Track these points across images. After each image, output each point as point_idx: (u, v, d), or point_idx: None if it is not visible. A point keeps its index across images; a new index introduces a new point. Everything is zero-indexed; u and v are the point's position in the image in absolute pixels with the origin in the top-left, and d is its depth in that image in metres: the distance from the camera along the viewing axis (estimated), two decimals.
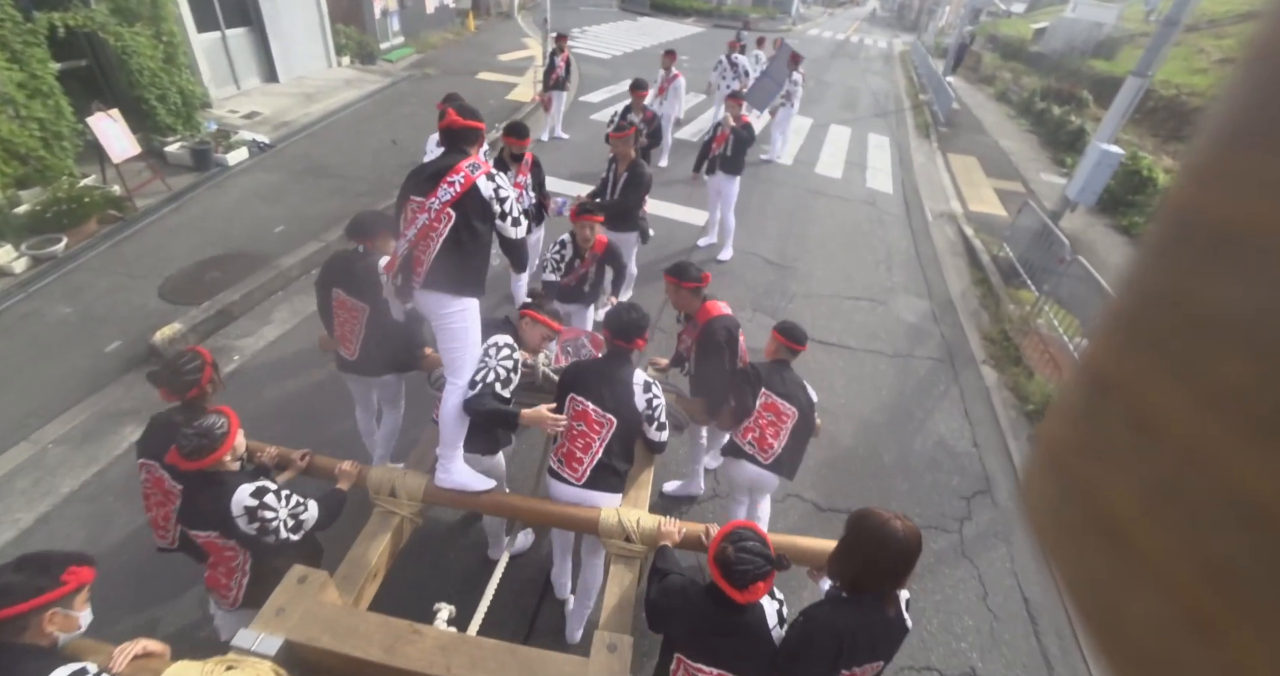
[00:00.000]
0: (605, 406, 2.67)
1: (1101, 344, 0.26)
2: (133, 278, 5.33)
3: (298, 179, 7.36)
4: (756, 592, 1.88)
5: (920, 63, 24.75)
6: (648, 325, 2.76)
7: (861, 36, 36.69)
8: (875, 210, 8.62)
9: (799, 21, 38.52)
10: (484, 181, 2.48)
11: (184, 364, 2.51)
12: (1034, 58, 27.89)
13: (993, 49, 30.86)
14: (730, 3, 35.06)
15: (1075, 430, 0.26)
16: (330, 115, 9.82)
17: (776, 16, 34.70)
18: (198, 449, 2.15)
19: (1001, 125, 15.83)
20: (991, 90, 22.15)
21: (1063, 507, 0.26)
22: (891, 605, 1.92)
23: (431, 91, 11.69)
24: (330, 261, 3.27)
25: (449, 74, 13.05)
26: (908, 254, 7.46)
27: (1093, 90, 19.46)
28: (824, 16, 48.95)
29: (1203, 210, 0.22)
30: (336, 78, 11.59)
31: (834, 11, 57.10)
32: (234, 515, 2.17)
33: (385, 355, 3.22)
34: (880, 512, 1.90)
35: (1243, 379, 0.19)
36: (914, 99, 18.06)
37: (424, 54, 15.08)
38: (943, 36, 37.21)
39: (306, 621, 2.14)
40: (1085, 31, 25.96)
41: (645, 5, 30.84)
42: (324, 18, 11.53)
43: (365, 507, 2.74)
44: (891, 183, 9.99)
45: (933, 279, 6.99)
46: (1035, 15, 42.42)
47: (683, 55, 19.52)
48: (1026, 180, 11.08)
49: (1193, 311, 0.21)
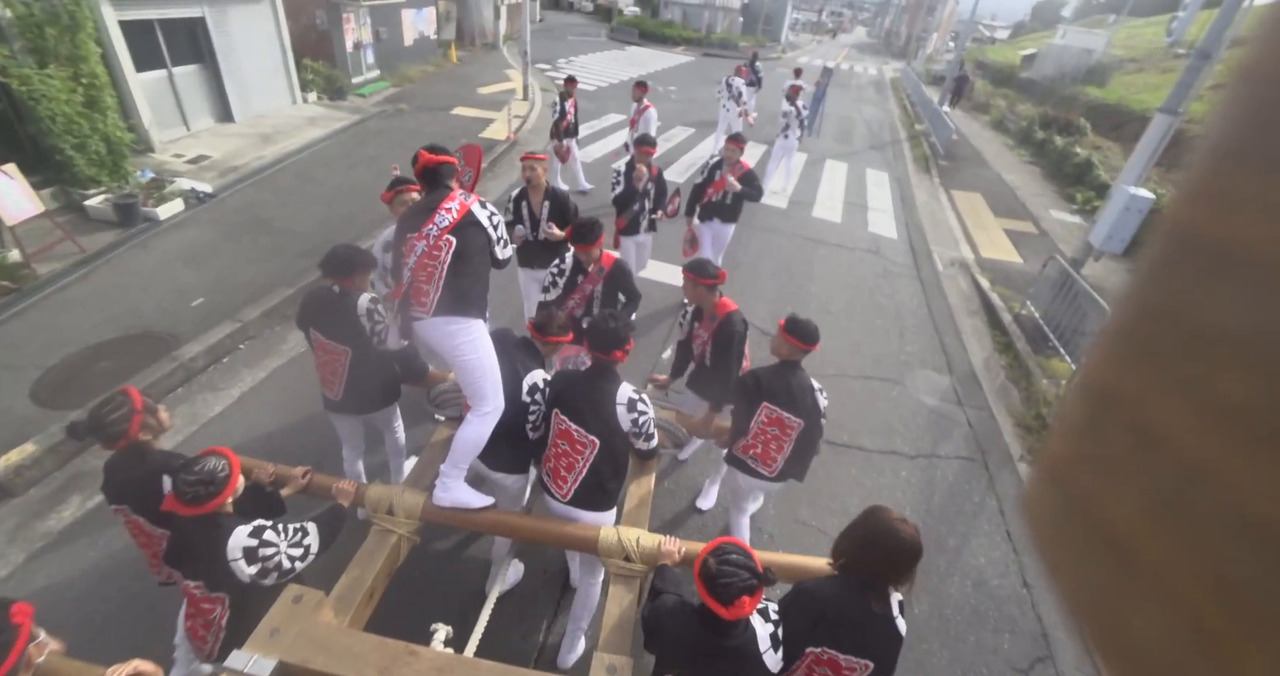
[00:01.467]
0: (589, 427, 2.59)
1: (1102, 358, 0.26)
2: (7, 369, 4.44)
3: (234, 236, 6.53)
4: (743, 608, 1.82)
5: (913, 90, 24.40)
6: (630, 335, 2.66)
7: (851, 64, 36.62)
8: (880, 260, 7.84)
9: (788, 49, 38.52)
10: (478, 208, 2.57)
11: (107, 413, 2.26)
12: (1025, 84, 27.72)
13: (982, 75, 30.75)
14: (720, 31, 34.98)
15: (1077, 444, 0.27)
16: (287, 157, 9.04)
17: (766, 44, 34.60)
18: (198, 497, 2.04)
19: (1002, 156, 15.26)
20: (987, 118, 21.72)
21: (1066, 521, 0.26)
22: (879, 601, 1.95)
23: (402, 128, 10.97)
24: (307, 300, 3.14)
25: (423, 109, 12.37)
26: (920, 314, 6.66)
27: (1088, 117, 19.10)
28: (812, 43, 49.23)
29: (1200, 228, 0.22)
30: (300, 116, 10.86)
31: (822, 38, 57.60)
32: (231, 559, 2.07)
33: (372, 393, 3.17)
34: (890, 511, 1.98)
35: (1243, 394, 0.19)
36: (910, 129, 17.55)
37: (400, 88, 14.44)
38: (932, 63, 37.35)
39: (301, 642, 2.09)
40: (1075, 58, 25.82)
41: (634, 35, 30.61)
42: (287, 53, 10.83)
43: (362, 525, 2.72)
44: (895, 226, 9.24)
45: (951, 346, 6.17)
46: (1021, 42, 42.81)
47: (670, 85, 19.03)
48: (1037, 219, 10.38)
49: (1192, 327, 0.22)
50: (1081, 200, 11.38)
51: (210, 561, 2.08)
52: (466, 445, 2.63)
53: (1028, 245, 9.09)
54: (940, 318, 6.68)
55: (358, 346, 2.98)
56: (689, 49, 30.39)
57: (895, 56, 45.27)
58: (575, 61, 21.29)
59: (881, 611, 1.95)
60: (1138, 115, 19.86)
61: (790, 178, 10.34)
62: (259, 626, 2.11)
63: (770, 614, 2.00)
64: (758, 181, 5.54)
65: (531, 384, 2.75)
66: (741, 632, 1.90)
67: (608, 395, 2.61)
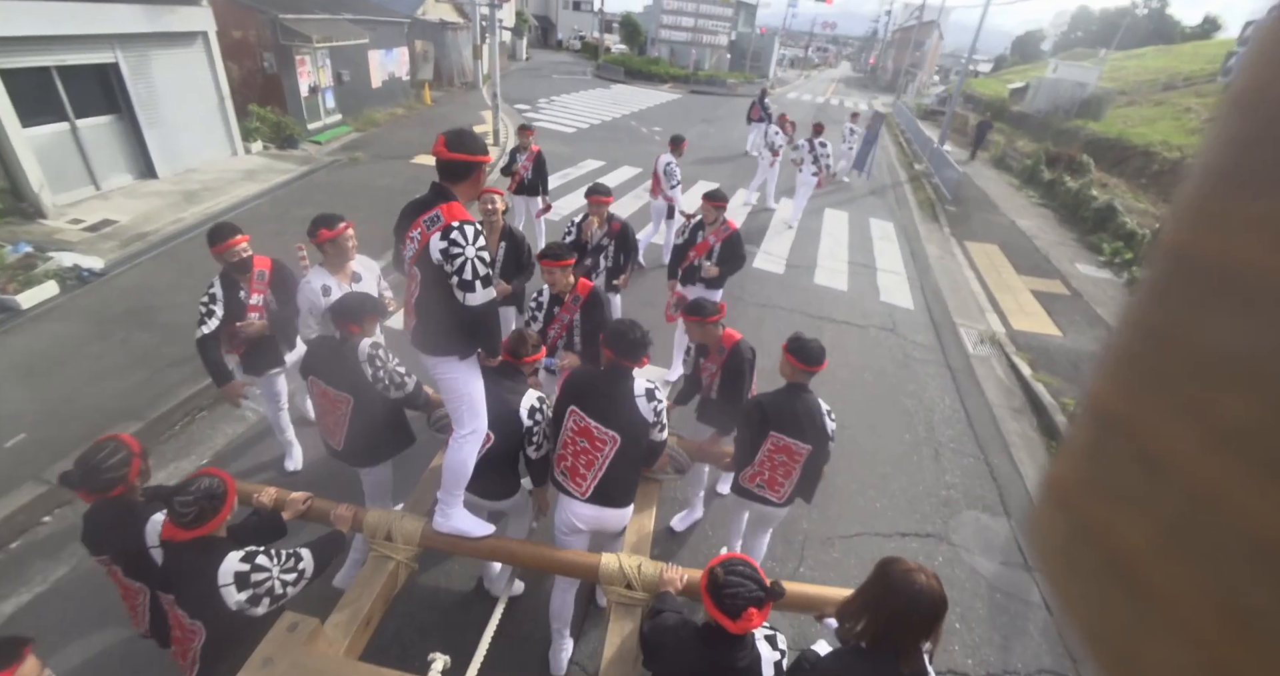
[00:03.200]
0: (609, 423, 2.58)
1: (1104, 382, 0.26)
2: None
3: (105, 332, 5.25)
4: (750, 620, 1.77)
5: (908, 126, 23.73)
6: (650, 344, 2.65)
7: (840, 98, 36.30)
8: (898, 341, 6.62)
9: (777, 84, 38.22)
10: (436, 239, 2.20)
11: (104, 459, 2.19)
12: (1018, 118, 27.25)
13: (972, 109, 30.35)
14: (707, 67, 34.64)
15: (1083, 469, 0.26)
16: (210, 219, 7.81)
17: (755, 80, 34.23)
18: (201, 513, 2.00)
19: (1010, 199, 14.28)
20: (986, 155, 20.95)
21: (1074, 548, 0.26)
22: (912, 661, 1.73)
23: (351, 181, 9.82)
24: (312, 346, 3.07)
25: (381, 158, 11.27)
26: (955, 421, 5.40)
27: (1089, 153, 18.31)
28: (800, 79, 49.31)
29: (1198, 251, 0.22)
30: (238, 168, 9.70)
31: (809, 74, 57.99)
32: (221, 584, 2.00)
33: (374, 445, 3.05)
34: (907, 563, 1.77)
35: (1247, 417, 0.19)
36: (909, 169, 16.63)
37: (364, 132, 13.40)
38: (921, 97, 37.16)
39: (295, 672, 2.05)
40: (1069, 91, 25.39)
41: (620, 73, 30.09)
42: (225, 100, 9.74)
43: None
44: (910, 291, 8.04)
45: (1000, 468, 4.88)
46: (1004, 75, 42.91)
47: (655, 126, 18.11)
48: (1064, 276, 9.25)
49: (1193, 350, 0.22)
50: (1109, 251, 10.30)
51: (198, 587, 2.03)
52: (453, 469, 2.58)
53: (1061, 310, 7.92)
54: (980, 424, 5.40)
55: (359, 394, 2.88)
56: (676, 86, 29.86)
57: (882, 90, 45.25)
58: (557, 101, 20.46)
59: (912, 671, 1.72)
60: (1139, 150, 19.16)
61: (796, 213, 10.23)
62: (252, 655, 2.06)
63: (779, 643, 1.97)
64: (740, 248, 4.99)
65: (530, 406, 2.73)
66: (747, 653, 1.84)
67: (626, 390, 2.62)
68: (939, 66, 56.51)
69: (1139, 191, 16.49)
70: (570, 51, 44.28)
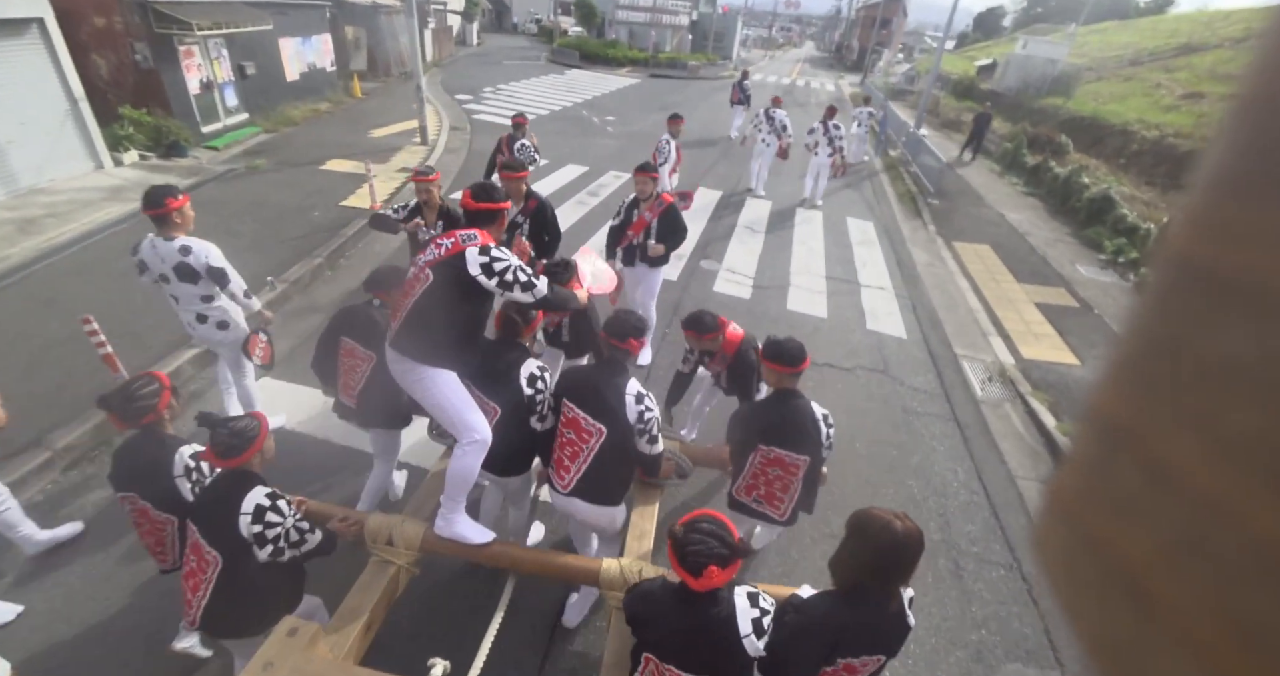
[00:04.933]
0: (596, 414, 2.62)
1: (1108, 391, 0.25)
2: None
3: None
4: (711, 578, 1.79)
5: (881, 108, 22.61)
6: (647, 330, 2.77)
7: (806, 79, 35.03)
8: (893, 386, 5.40)
9: (740, 66, 36.82)
10: (473, 253, 2.38)
11: (138, 389, 2.44)
12: (988, 96, 26.33)
13: (941, 88, 29.38)
14: (668, 50, 33.02)
15: (1087, 480, 0.26)
16: (43, 257, 6.30)
17: (718, 62, 32.80)
18: (229, 448, 2.20)
19: (994, 187, 13.23)
20: (961, 137, 19.94)
21: (1078, 561, 0.26)
22: (894, 601, 1.87)
23: (245, 195, 8.27)
24: (340, 312, 3.27)
25: (287, 164, 9.69)
26: (975, 510, 4.12)
27: (1066, 132, 17.42)
28: (764, 60, 47.91)
29: (1204, 258, 0.22)
30: (102, 186, 8.08)
31: (774, 54, 56.64)
32: (242, 511, 2.17)
33: (383, 408, 3.20)
34: (880, 514, 1.84)
35: (1254, 429, 0.19)
36: (885, 156, 15.48)
37: (276, 133, 11.74)
38: (888, 76, 36.08)
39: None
40: (1040, 68, 24.54)
41: (575, 57, 28.37)
42: (79, 102, 8.08)
43: (360, 556, 2.68)
44: (900, 314, 6.82)
45: (1041, 585, 3.73)
46: (968, 51, 42.03)
47: (609, 114, 16.62)
48: (1068, 281, 8.19)
49: (1198, 359, 0.22)
50: (1111, 249, 9.27)
51: (222, 512, 2.18)
52: (457, 478, 2.61)
53: (1074, 328, 6.84)
54: (1006, 509, 4.17)
55: (382, 357, 2.87)
56: (634, 70, 28.25)
57: (848, 70, 44.08)
58: (504, 90, 18.83)
59: (896, 609, 1.88)
60: (1116, 129, 18.32)
61: (818, 196, 10.41)
62: (252, 660, 2.08)
63: (761, 601, 1.94)
64: (680, 221, 4.77)
65: (529, 375, 2.75)
66: (718, 609, 1.86)
67: (618, 386, 2.62)
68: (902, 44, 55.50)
69: (1120, 173, 15.64)
70: (526, 36, 42.22)
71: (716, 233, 8.64)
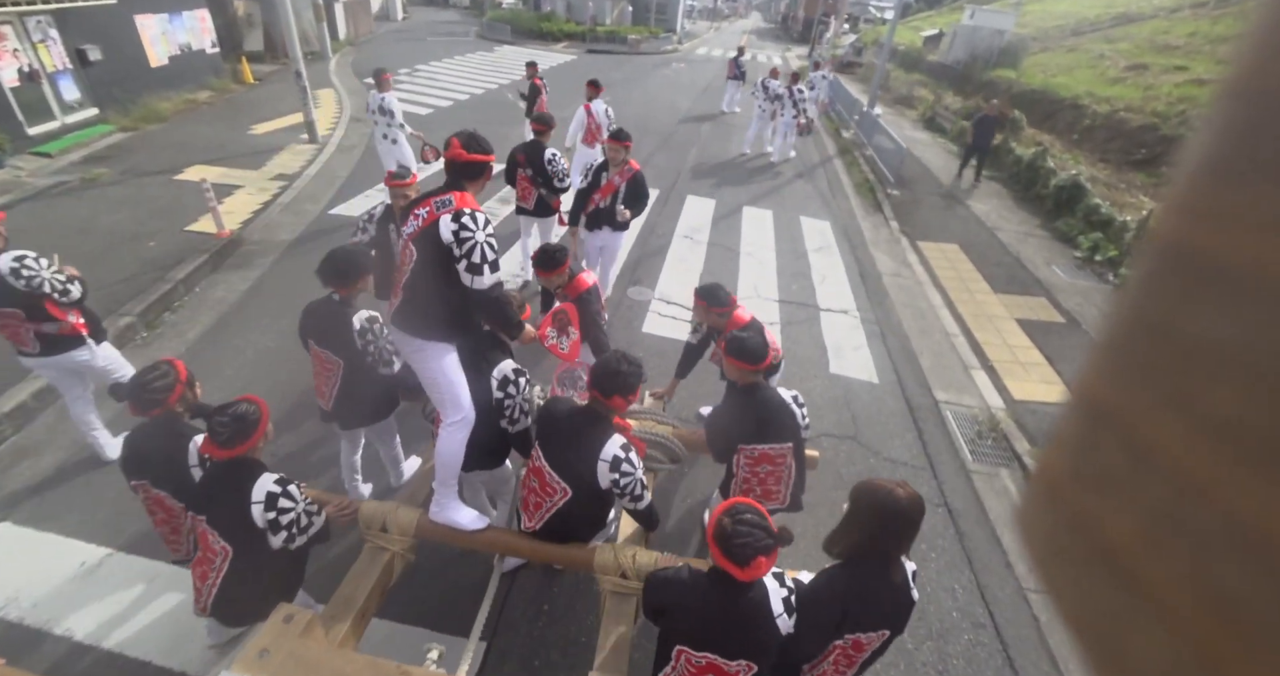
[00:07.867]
0: (562, 474, 2.39)
1: (1094, 374, 0.26)
2: None
3: None
4: (759, 568, 1.76)
5: (829, 84, 21.53)
6: (640, 383, 2.41)
7: (754, 52, 33.65)
8: (865, 457, 4.25)
9: (685, 39, 35.13)
10: (446, 220, 2.26)
11: (152, 380, 2.39)
12: (936, 69, 25.58)
13: (890, 60, 28.51)
14: (608, 22, 31.12)
15: (1072, 460, 0.26)
16: None
17: (661, 35, 31.08)
18: (233, 435, 2.13)
19: (954, 171, 12.34)
20: (914, 114, 19.08)
21: (1062, 539, 0.26)
22: (897, 571, 1.89)
23: (68, 219, 6.59)
24: (304, 313, 3.07)
25: (136, 173, 7.96)
26: (981, 649, 3.14)
27: (1017, 107, 16.72)
28: (710, 32, 46.18)
29: (1190, 242, 0.22)
30: None
31: (719, 26, 54.88)
32: (253, 500, 2.13)
33: (363, 409, 3.12)
34: (882, 484, 1.87)
35: (1236, 409, 0.20)
36: (838, 138, 14.42)
37: (135, 131, 9.86)
38: (835, 48, 35.04)
39: (290, 664, 2.03)
40: (988, 39, 23.84)
41: (507, 32, 26.31)
42: None
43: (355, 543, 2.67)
44: (869, 348, 5.65)
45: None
46: (912, 21, 41.27)
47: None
48: (1049, 289, 7.31)
49: (1183, 342, 0.22)
50: (1086, 246, 8.45)
51: (231, 504, 2.13)
52: (445, 458, 2.58)
53: (1063, 352, 5.94)
54: (1019, 646, 3.14)
55: (350, 360, 2.93)
56: (571, 45, 26.40)
57: (796, 42, 42.82)
58: (422, 71, 16.95)
59: (900, 580, 1.90)
60: (1067, 103, 17.73)
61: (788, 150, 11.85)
62: (248, 647, 2.05)
63: (785, 580, 1.94)
64: (645, 188, 5.03)
65: (502, 376, 2.70)
66: (754, 593, 1.84)
67: (592, 446, 2.35)
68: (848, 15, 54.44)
69: (1075, 149, 15.05)
70: (458, 9, 39.43)
71: (650, 246, 7.39)
